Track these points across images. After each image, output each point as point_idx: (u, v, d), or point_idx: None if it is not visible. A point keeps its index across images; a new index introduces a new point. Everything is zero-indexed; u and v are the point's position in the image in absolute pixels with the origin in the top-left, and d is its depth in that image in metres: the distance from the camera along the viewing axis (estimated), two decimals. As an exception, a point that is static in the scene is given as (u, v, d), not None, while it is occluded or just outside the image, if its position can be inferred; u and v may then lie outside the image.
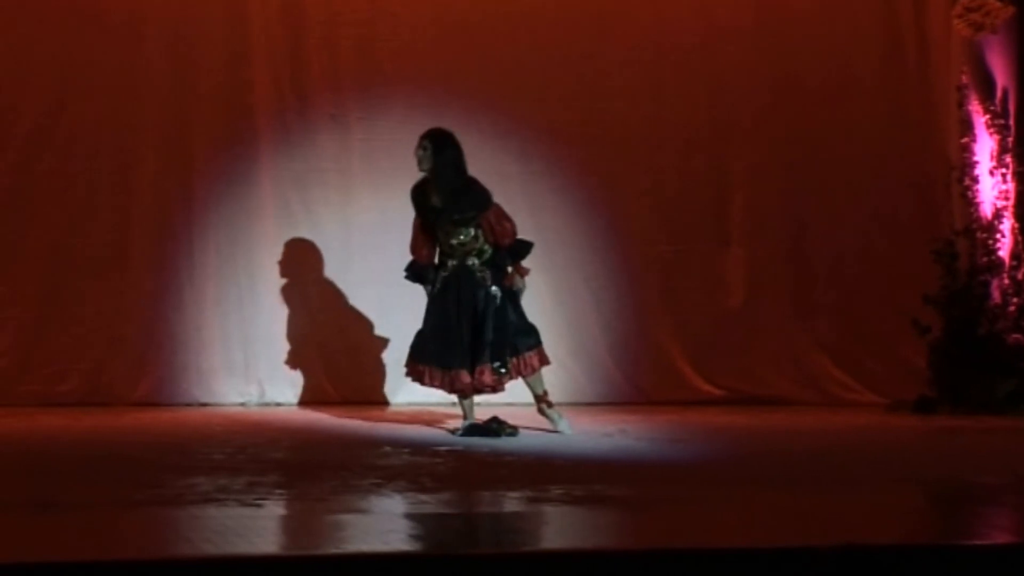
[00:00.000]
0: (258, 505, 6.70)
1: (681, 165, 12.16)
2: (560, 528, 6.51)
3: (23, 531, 6.13)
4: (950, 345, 11.57)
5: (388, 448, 8.98)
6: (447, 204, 9.71)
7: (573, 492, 7.16)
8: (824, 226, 12.16)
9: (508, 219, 9.76)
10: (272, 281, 11.72)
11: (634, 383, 11.98)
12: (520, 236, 9.82)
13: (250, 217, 11.80)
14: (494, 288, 9.68)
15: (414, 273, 9.89)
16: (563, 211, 11.94)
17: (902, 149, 12.22)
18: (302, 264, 11.73)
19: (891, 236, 12.12)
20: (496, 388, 9.73)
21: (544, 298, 11.60)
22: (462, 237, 9.72)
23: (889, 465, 8.53)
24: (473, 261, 9.72)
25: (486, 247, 9.74)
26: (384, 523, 6.58)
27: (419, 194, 9.82)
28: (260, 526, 6.34)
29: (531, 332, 9.78)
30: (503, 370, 9.62)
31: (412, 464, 8.28)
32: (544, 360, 9.81)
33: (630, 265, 12.08)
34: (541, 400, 9.82)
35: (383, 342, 11.62)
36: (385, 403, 11.61)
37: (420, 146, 9.76)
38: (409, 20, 11.95)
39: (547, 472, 7.96)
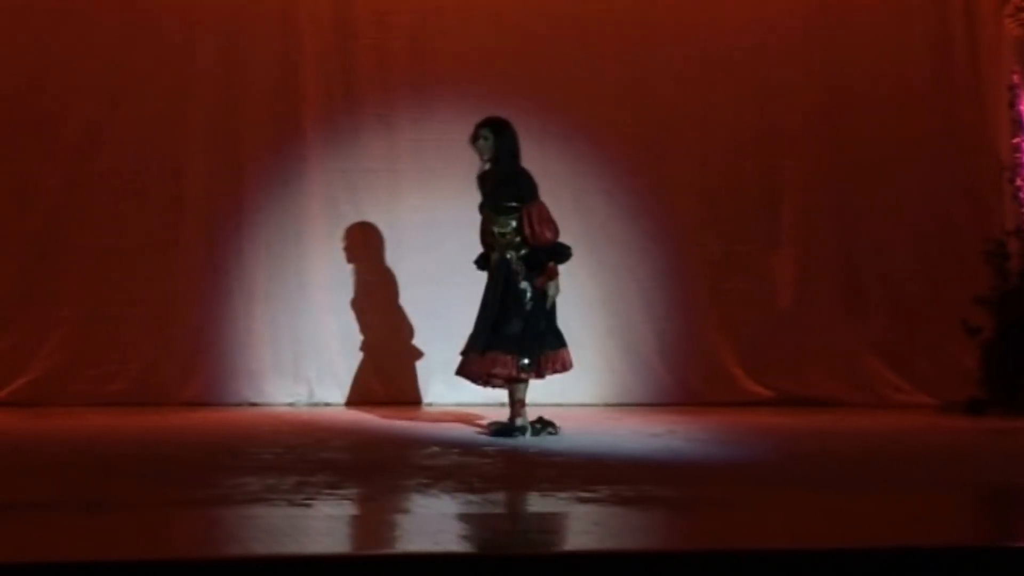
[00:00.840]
0: (307, 505, 6.72)
1: (731, 166, 12.12)
2: (609, 529, 6.49)
3: (73, 530, 6.15)
4: (1001, 346, 11.49)
5: (437, 448, 8.98)
6: (493, 191, 9.68)
7: (622, 493, 7.15)
8: (875, 227, 12.11)
9: (550, 224, 9.58)
10: (321, 281, 11.75)
11: (683, 384, 11.94)
12: (565, 241, 9.71)
13: (299, 217, 11.83)
14: (524, 283, 9.60)
15: (477, 261, 9.87)
16: (613, 212, 11.91)
17: (953, 150, 12.16)
18: (351, 264, 11.74)
19: (942, 237, 12.05)
20: (508, 382, 9.59)
21: (593, 299, 11.61)
22: (503, 227, 9.66)
23: (940, 466, 8.48)
24: (511, 255, 9.65)
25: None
26: (433, 523, 6.58)
27: (480, 182, 9.79)
28: (309, 526, 6.35)
29: (559, 334, 9.69)
30: (527, 364, 9.53)
31: (461, 464, 8.28)
32: (570, 364, 9.75)
33: (679, 266, 12.05)
34: (520, 405, 9.70)
35: (433, 342, 11.62)
36: (434, 403, 11.61)
37: (479, 136, 9.69)
38: (458, 21, 11.95)
39: (596, 473, 7.95)
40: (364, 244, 11.75)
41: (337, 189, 11.87)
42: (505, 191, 9.63)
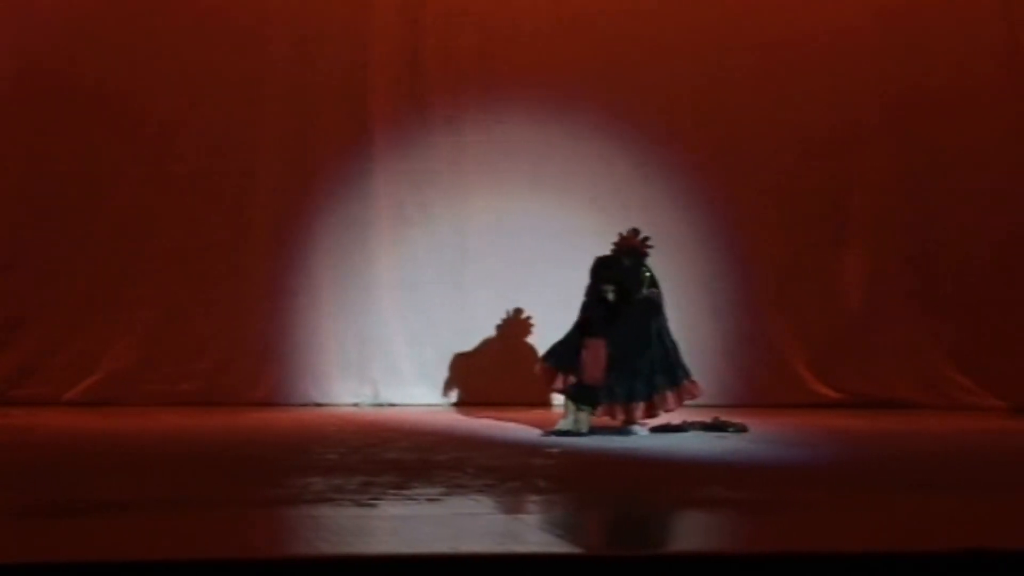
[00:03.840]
0: (372, 505, 6.72)
1: (801, 166, 12.06)
2: (678, 530, 6.46)
3: (143, 530, 6.18)
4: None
5: (502, 449, 8.97)
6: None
7: (690, 494, 7.11)
8: (946, 226, 12.01)
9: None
10: (387, 282, 11.77)
11: (750, 385, 11.88)
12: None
13: (366, 218, 11.86)
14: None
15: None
16: (680, 213, 11.86)
17: (1025, 148, 12.06)
18: (417, 265, 11.75)
19: (1015, 238, 11.94)
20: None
21: (660, 300, 11.57)
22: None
23: (1013, 469, 8.40)
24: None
25: None
26: (497, 524, 6.57)
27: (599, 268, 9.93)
28: (375, 526, 6.36)
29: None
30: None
31: (525, 465, 8.26)
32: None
33: (746, 266, 12.00)
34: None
35: (498, 344, 11.62)
36: (500, 404, 11.59)
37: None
38: (527, 23, 11.96)
39: (663, 474, 7.91)
40: (429, 246, 11.76)
41: (403, 190, 11.89)
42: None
